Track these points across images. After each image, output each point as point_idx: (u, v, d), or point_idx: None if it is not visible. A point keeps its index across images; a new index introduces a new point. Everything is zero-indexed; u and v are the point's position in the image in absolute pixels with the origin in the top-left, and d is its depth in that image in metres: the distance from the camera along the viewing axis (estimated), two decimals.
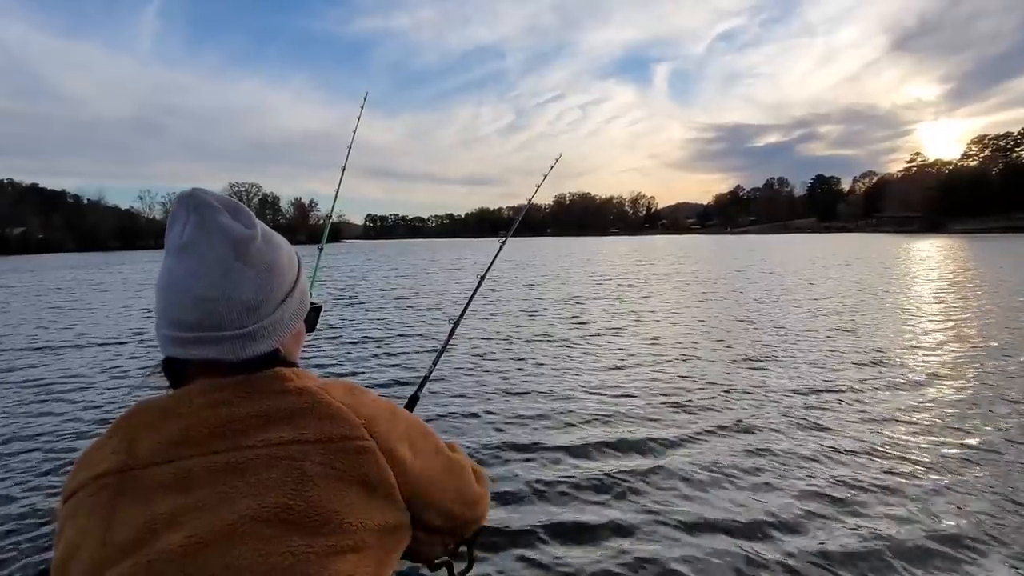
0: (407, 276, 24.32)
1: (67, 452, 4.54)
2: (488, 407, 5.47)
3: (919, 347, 7.82)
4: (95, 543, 0.61)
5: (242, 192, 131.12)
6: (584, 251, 49.17)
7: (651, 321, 10.62)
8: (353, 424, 0.69)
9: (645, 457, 4.23)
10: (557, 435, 4.69)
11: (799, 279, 18.44)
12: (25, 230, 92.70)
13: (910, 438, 4.49)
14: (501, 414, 5.27)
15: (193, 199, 0.72)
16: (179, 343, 0.71)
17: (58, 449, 4.64)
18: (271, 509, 0.61)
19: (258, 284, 0.72)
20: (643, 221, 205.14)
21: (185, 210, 0.72)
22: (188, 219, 0.71)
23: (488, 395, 5.89)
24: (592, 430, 4.78)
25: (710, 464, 4.06)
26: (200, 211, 0.71)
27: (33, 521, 3.47)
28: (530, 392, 5.97)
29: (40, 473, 4.16)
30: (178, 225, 0.72)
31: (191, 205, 0.72)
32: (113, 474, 0.65)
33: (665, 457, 4.21)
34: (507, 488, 3.74)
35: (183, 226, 0.71)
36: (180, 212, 0.72)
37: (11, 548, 3.19)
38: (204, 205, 0.72)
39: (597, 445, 4.45)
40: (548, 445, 4.47)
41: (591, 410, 5.29)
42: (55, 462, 4.35)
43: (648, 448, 4.38)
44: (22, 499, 3.75)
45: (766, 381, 6.18)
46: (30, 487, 3.94)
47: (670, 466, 4.04)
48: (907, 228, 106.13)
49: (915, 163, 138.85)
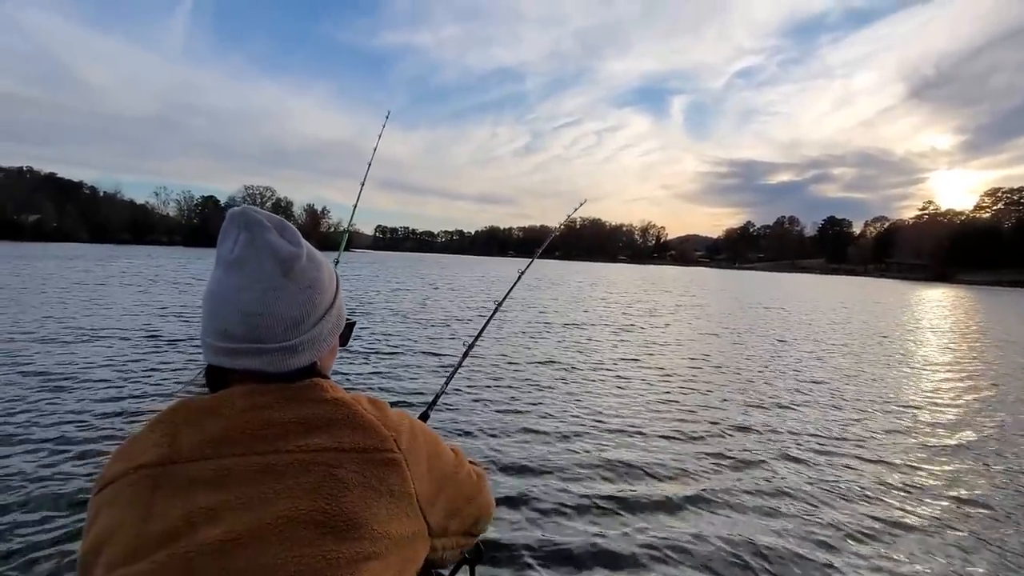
0: (414, 291, 24.27)
1: (72, 444, 4.51)
2: (492, 429, 5.44)
3: (929, 397, 7.76)
4: (131, 532, 0.62)
5: (256, 195, 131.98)
6: (594, 276, 49.13)
7: (661, 352, 10.53)
8: (384, 436, 0.72)
9: (645, 488, 4.20)
10: (559, 461, 4.67)
11: (813, 319, 18.36)
12: (40, 218, 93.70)
13: (914, 486, 4.44)
14: (505, 437, 5.24)
15: (244, 216, 0.75)
16: (225, 353, 0.73)
17: (66, 439, 4.59)
18: (307, 512, 0.63)
19: (301, 300, 0.75)
20: (652, 250, 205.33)
21: (236, 227, 0.75)
22: (239, 235, 0.74)
23: (493, 417, 5.85)
24: (593, 456, 4.76)
25: (710, 498, 4.03)
26: (251, 228, 0.74)
27: (49, 513, 3.44)
28: (535, 416, 5.93)
29: (46, 465, 4.12)
30: (229, 240, 0.75)
31: (242, 222, 0.75)
32: (154, 466, 0.66)
33: (666, 490, 4.17)
34: (504, 512, 3.72)
35: (234, 242, 0.75)
36: (231, 228, 0.75)
37: (29, 537, 3.16)
38: (255, 223, 0.75)
39: (598, 472, 4.45)
40: (549, 470, 4.46)
41: (595, 439, 5.25)
42: (62, 455, 4.31)
43: (649, 480, 4.36)
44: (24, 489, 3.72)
45: (772, 421, 6.13)
46: (36, 478, 3.89)
47: (672, 498, 4.01)
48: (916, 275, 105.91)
49: (927, 211, 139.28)
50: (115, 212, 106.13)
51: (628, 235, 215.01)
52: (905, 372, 9.70)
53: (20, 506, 3.47)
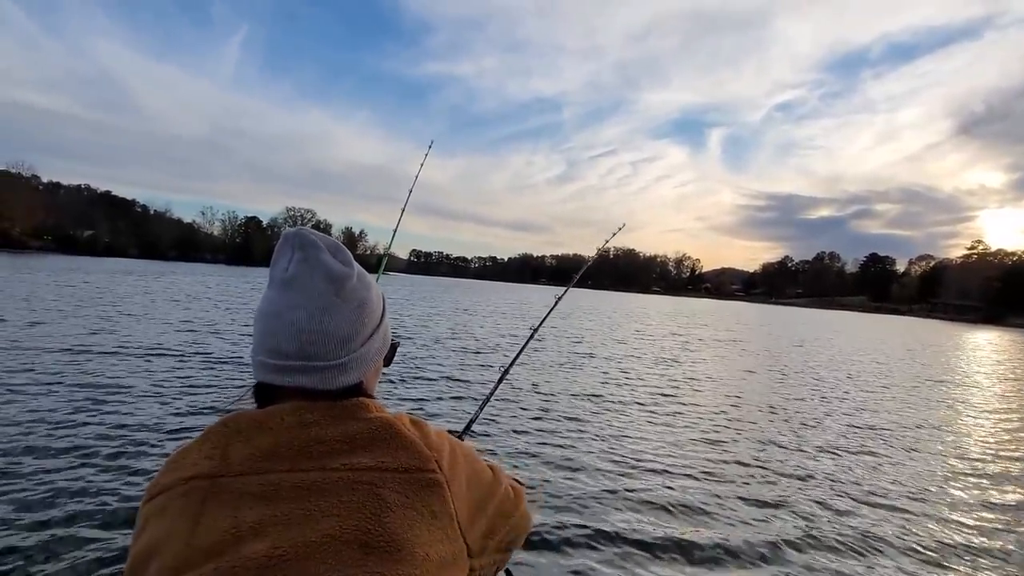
0: (449, 315, 24.54)
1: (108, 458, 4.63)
2: (524, 457, 5.45)
3: (984, 448, 7.43)
4: (180, 543, 0.63)
5: (297, 217, 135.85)
6: (628, 307, 48.79)
7: (698, 389, 10.27)
8: (426, 457, 0.72)
9: (676, 529, 4.11)
10: (590, 493, 4.62)
11: (857, 360, 17.81)
12: (94, 233, 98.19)
13: (961, 542, 4.22)
14: (537, 466, 5.23)
15: (300, 238, 0.77)
16: (276, 370, 0.74)
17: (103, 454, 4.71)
18: (351, 531, 0.64)
19: (351, 319, 0.77)
20: (686, 282, 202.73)
21: (291, 247, 0.77)
22: (293, 255, 0.76)
23: (525, 445, 5.83)
24: (626, 492, 4.69)
25: (742, 545, 3.91)
26: (305, 249, 0.76)
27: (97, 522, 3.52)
28: (567, 447, 5.89)
29: (91, 480, 4.22)
30: (283, 260, 0.77)
31: (297, 243, 0.77)
32: (205, 478, 0.67)
33: (698, 531, 4.08)
34: (533, 543, 3.70)
35: (288, 261, 0.76)
36: (286, 249, 0.77)
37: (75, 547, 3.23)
38: (309, 244, 0.77)
39: (629, 508, 4.38)
40: (580, 502, 4.42)
41: (628, 475, 5.17)
42: (109, 470, 4.40)
43: (680, 521, 4.26)
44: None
45: (814, 466, 5.93)
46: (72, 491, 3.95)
47: (705, 542, 3.91)
48: (964, 317, 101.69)
49: (976, 250, 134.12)
50: (164, 230, 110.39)
51: (662, 266, 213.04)
52: (962, 419, 9.29)
53: (64, 521, 3.51)
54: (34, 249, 77.64)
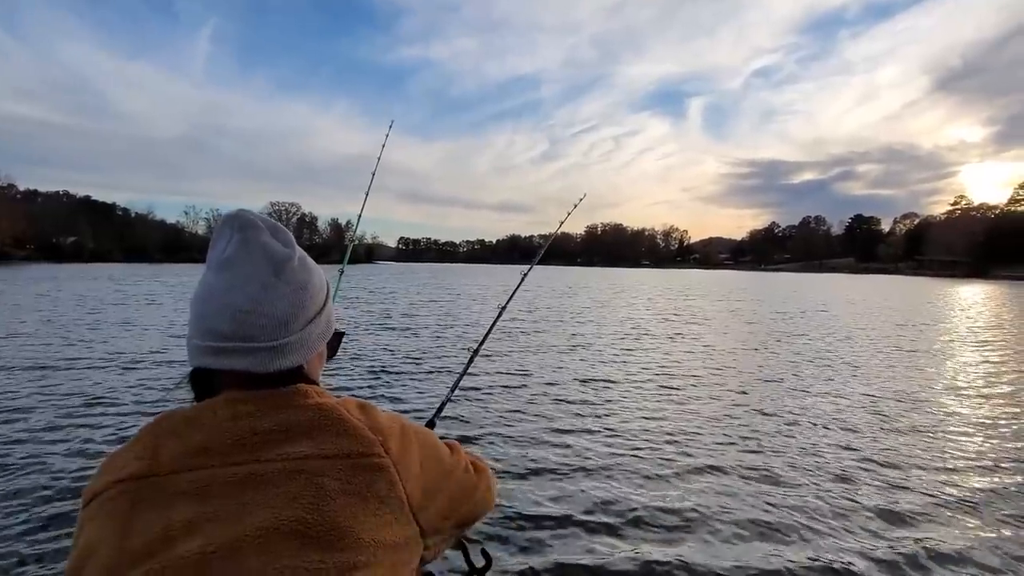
0: (435, 300, 24.43)
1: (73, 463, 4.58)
2: (501, 439, 5.42)
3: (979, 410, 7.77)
4: (111, 547, 0.61)
5: (282, 211, 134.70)
6: (620, 282, 48.67)
7: (680, 366, 10.06)
8: (370, 441, 0.70)
9: (658, 506, 4.08)
10: (567, 473, 4.61)
11: (856, 326, 18.16)
12: (77, 239, 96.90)
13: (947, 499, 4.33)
14: (514, 447, 5.20)
15: (239, 219, 0.76)
16: (211, 352, 0.72)
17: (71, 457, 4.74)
18: (288, 522, 0.62)
19: (291, 301, 0.75)
20: (675, 254, 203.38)
21: (230, 228, 0.75)
22: (232, 237, 0.75)
23: (504, 428, 5.80)
24: (605, 472, 4.67)
25: (723, 512, 3.97)
26: (244, 230, 0.75)
27: (47, 531, 3.51)
28: (545, 427, 5.86)
29: (44, 486, 4.15)
30: (222, 242, 0.75)
31: (236, 224, 0.75)
32: (135, 479, 0.65)
33: (679, 509, 4.03)
34: (508, 525, 3.70)
35: (227, 243, 0.75)
36: (225, 230, 0.76)
37: (23, 551, 3.25)
38: (249, 224, 0.75)
39: (608, 488, 4.35)
40: (556, 483, 4.41)
41: (609, 453, 5.14)
42: (67, 474, 4.36)
43: (662, 497, 4.22)
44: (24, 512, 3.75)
45: (806, 435, 5.98)
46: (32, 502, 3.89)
47: (680, 509, 3.98)
48: (951, 272, 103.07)
49: (959, 206, 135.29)
50: (148, 232, 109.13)
51: (650, 239, 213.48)
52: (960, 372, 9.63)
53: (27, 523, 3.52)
54: (18, 259, 76.56)
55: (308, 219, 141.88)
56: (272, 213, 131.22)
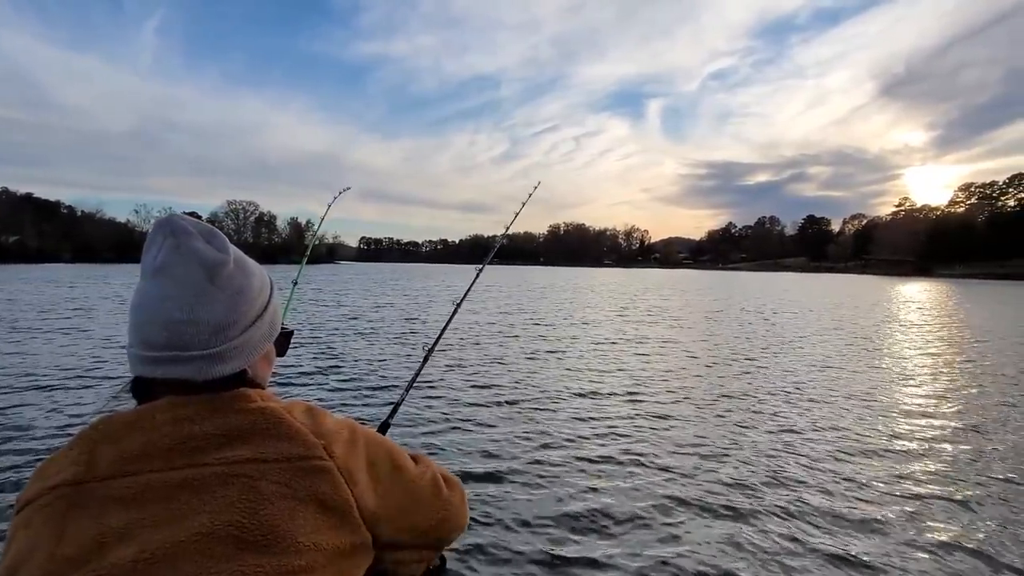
0: (393, 302, 24.14)
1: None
2: (459, 436, 5.43)
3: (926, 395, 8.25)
4: (44, 555, 0.60)
5: (239, 210, 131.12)
6: (579, 282, 49.03)
7: (646, 363, 10.05)
8: (311, 444, 0.69)
9: (612, 500, 4.07)
10: (525, 473, 4.57)
11: (809, 319, 18.91)
12: (20, 239, 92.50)
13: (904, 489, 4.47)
14: (471, 443, 5.21)
15: (170, 224, 0.73)
16: (148, 362, 0.71)
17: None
18: (223, 527, 0.61)
19: (227, 307, 0.74)
20: (636, 254, 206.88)
21: (161, 235, 0.73)
22: (163, 243, 0.72)
23: (461, 424, 5.81)
24: (563, 469, 4.66)
25: (683, 503, 4.05)
26: (176, 236, 0.72)
27: None
28: (502, 428, 5.77)
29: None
30: (154, 248, 0.73)
31: (168, 230, 0.73)
32: (69, 485, 0.64)
33: (635, 503, 4.04)
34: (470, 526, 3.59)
35: (158, 249, 0.73)
36: (156, 237, 0.73)
37: None
38: (180, 230, 0.73)
39: (565, 485, 4.33)
40: (513, 482, 4.39)
41: (568, 449, 5.15)
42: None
43: (618, 493, 4.21)
44: None
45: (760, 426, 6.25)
46: None
47: (642, 515, 3.90)
48: (896, 271, 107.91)
49: (903, 207, 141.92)
50: (97, 231, 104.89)
51: (612, 239, 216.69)
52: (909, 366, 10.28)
53: None
54: None
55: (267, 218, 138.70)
56: (229, 212, 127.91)
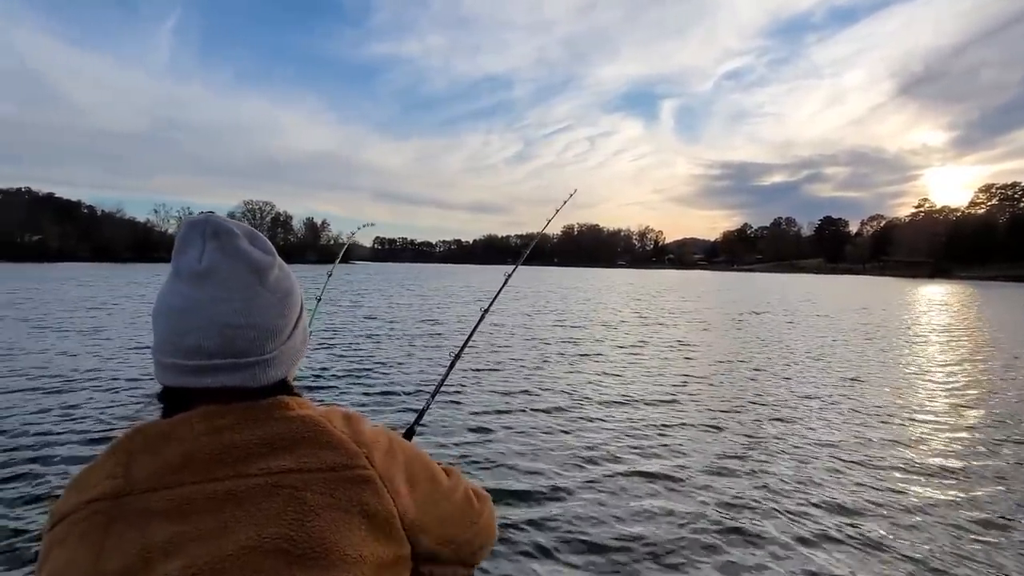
0: (413, 302, 24.16)
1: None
2: (486, 447, 5.33)
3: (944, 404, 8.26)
4: (84, 572, 0.59)
5: (256, 210, 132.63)
6: (596, 283, 48.77)
7: (667, 368, 9.84)
8: (353, 453, 0.68)
9: (638, 517, 3.98)
10: (551, 484, 4.50)
11: (825, 323, 18.85)
12: (41, 238, 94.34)
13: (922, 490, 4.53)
14: (499, 452, 5.15)
15: (210, 225, 0.71)
16: (194, 372, 0.68)
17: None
18: (271, 540, 0.60)
19: (278, 311, 0.73)
20: (651, 255, 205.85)
21: (201, 236, 0.70)
22: (206, 245, 0.70)
23: (487, 434, 5.71)
24: (587, 481, 4.58)
25: (709, 518, 3.97)
26: (219, 237, 0.70)
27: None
28: (531, 432, 5.76)
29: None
30: (194, 250, 0.70)
31: (208, 231, 0.70)
32: (108, 499, 0.62)
33: (659, 519, 3.95)
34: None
35: (200, 252, 0.70)
36: (194, 237, 0.71)
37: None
38: (223, 231, 0.71)
39: (590, 498, 4.28)
40: (539, 493, 4.34)
41: (591, 453, 5.15)
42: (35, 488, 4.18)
43: (641, 509, 4.11)
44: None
45: (785, 430, 6.20)
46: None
47: (666, 515, 3.95)
48: (915, 272, 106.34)
49: (922, 209, 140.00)
50: (117, 231, 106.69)
51: (626, 240, 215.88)
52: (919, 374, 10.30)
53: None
54: None
55: (283, 218, 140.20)
56: (247, 212, 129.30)
